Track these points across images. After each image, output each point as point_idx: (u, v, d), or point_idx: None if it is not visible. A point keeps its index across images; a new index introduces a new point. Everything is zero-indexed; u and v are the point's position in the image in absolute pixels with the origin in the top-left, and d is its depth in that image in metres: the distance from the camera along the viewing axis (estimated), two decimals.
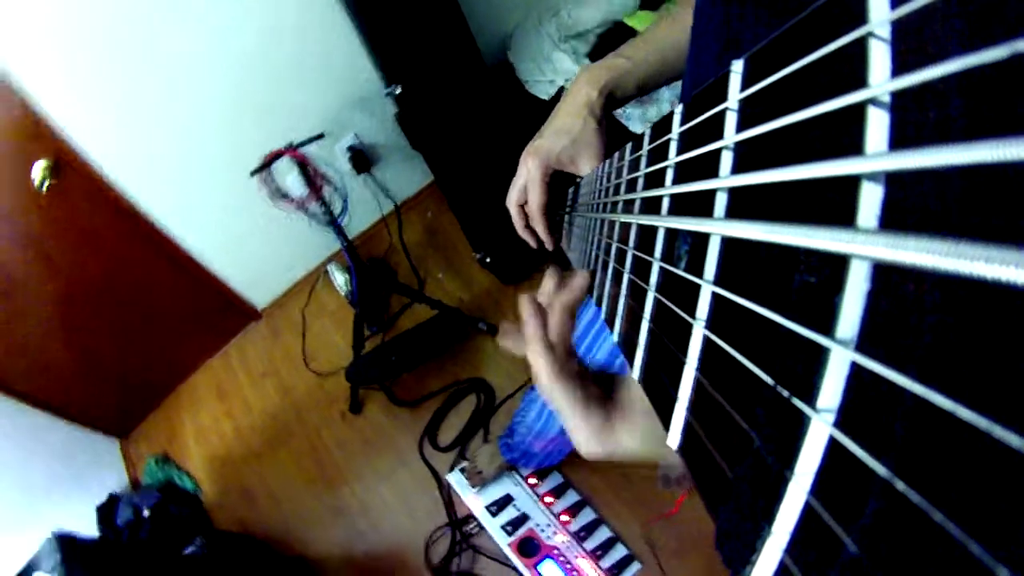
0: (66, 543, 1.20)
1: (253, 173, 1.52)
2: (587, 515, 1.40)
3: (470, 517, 1.50)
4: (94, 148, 1.66)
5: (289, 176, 1.62)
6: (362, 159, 2.00)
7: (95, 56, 1.53)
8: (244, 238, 2.06)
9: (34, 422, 1.94)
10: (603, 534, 1.37)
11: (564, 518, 1.41)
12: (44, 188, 1.61)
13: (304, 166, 1.54)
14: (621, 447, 0.29)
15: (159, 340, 2.19)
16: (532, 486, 1.47)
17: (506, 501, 1.47)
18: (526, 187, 0.58)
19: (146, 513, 1.44)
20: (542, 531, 1.41)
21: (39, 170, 1.61)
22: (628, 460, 0.29)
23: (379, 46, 1.47)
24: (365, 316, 1.83)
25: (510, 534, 1.42)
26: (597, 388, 0.31)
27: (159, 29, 1.56)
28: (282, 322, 2.25)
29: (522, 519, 1.44)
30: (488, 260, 1.82)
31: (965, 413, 0.07)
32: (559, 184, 0.58)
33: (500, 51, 1.94)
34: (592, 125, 0.53)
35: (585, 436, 0.29)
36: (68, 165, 1.66)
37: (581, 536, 1.37)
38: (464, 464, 1.56)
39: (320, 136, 1.57)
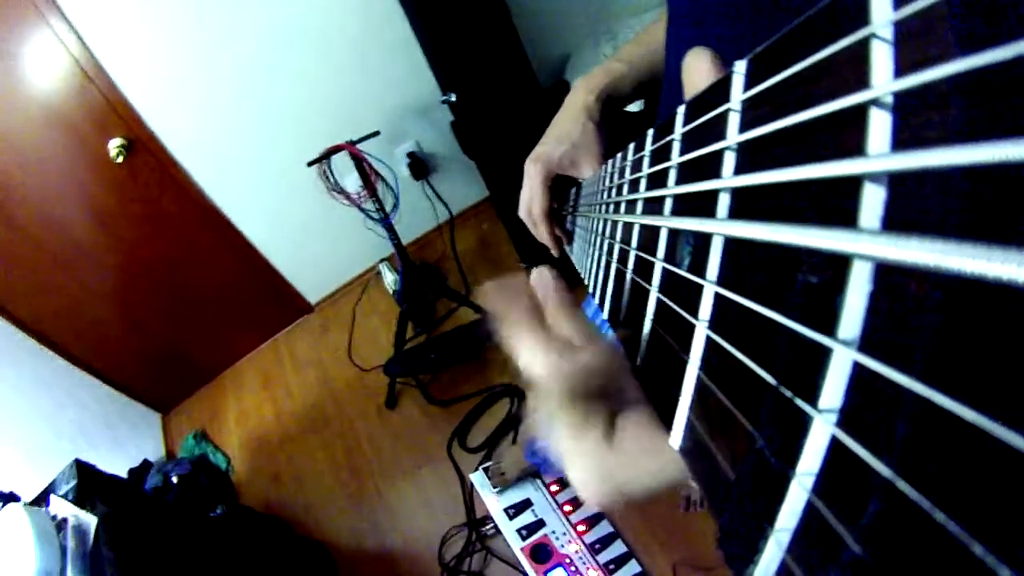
0: (85, 471, 1.19)
1: (311, 164, 1.58)
2: (604, 528, 1.38)
3: (488, 518, 1.49)
4: (167, 131, 1.76)
5: (346, 173, 1.69)
6: (420, 166, 2.06)
7: (176, 47, 1.65)
8: (304, 234, 2.14)
9: (81, 382, 2.02)
10: (618, 548, 1.35)
11: (581, 528, 1.39)
12: (118, 162, 1.71)
13: (360, 162, 1.59)
14: (625, 475, 0.20)
15: (212, 323, 2.27)
16: (553, 493, 1.47)
17: (525, 505, 1.47)
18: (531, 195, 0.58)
19: (174, 480, 1.45)
20: (556, 539, 1.40)
21: (115, 146, 1.71)
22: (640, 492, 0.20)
23: (436, 53, 1.53)
24: (411, 315, 1.87)
25: (524, 538, 1.42)
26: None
27: (236, 27, 1.67)
28: (332, 318, 2.31)
29: (538, 524, 1.43)
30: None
31: (967, 413, 0.07)
32: (565, 188, 0.59)
33: (558, 71, 2.00)
34: (591, 128, 0.54)
35: (582, 468, 0.20)
36: (142, 144, 1.76)
37: (596, 548, 1.36)
38: (489, 464, 1.57)
39: (376, 133, 1.63)
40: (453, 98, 1.50)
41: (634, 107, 1.61)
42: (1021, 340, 0.06)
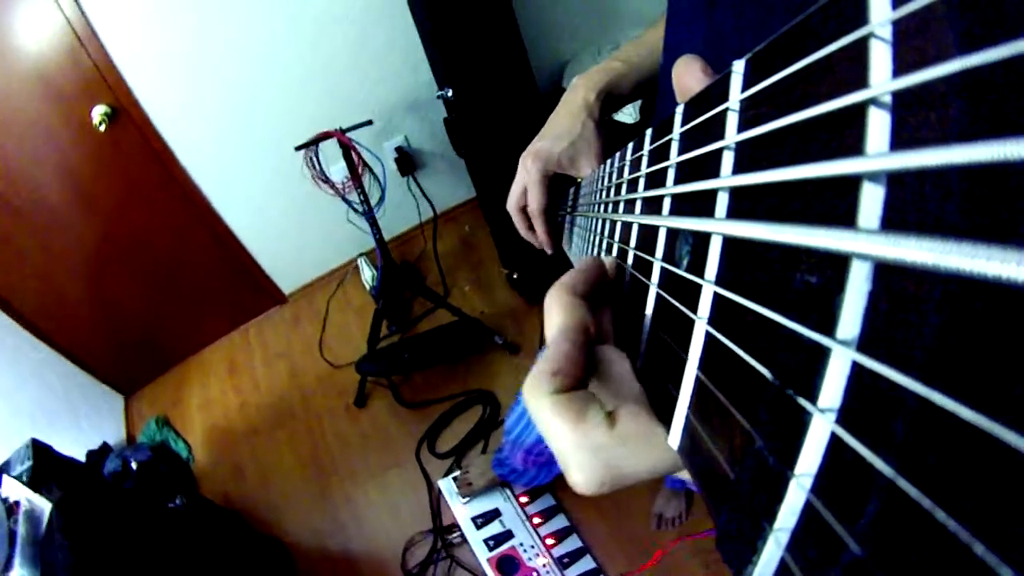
0: (42, 452, 1.14)
1: (298, 148, 1.56)
2: (573, 542, 1.37)
3: (454, 526, 1.47)
4: (154, 103, 1.72)
5: (334, 162, 1.67)
6: (408, 162, 2.03)
7: (172, 19, 1.61)
8: (284, 222, 2.10)
9: (45, 358, 1.94)
10: (586, 564, 1.33)
11: (549, 541, 1.37)
12: (101, 129, 1.67)
13: (349, 152, 1.57)
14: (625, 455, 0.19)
15: (183, 306, 2.21)
16: (522, 505, 1.45)
17: (493, 515, 1.44)
18: (526, 190, 0.58)
19: (134, 466, 1.42)
20: (524, 551, 1.37)
21: (99, 113, 1.66)
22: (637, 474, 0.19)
23: (437, 46, 1.51)
24: (386, 313, 1.84)
25: (491, 549, 1.39)
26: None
27: (235, 5, 1.63)
28: (305, 310, 2.28)
29: (506, 536, 1.40)
30: (515, 277, 1.85)
31: (966, 413, 0.07)
32: (559, 186, 0.58)
33: (556, 78, 1.99)
34: (591, 126, 0.54)
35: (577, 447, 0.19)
36: (127, 114, 1.70)
37: (564, 562, 1.34)
38: (457, 472, 1.55)
39: (369, 122, 1.60)
40: (449, 94, 1.48)
41: (627, 118, 1.62)
42: (1020, 340, 0.06)
